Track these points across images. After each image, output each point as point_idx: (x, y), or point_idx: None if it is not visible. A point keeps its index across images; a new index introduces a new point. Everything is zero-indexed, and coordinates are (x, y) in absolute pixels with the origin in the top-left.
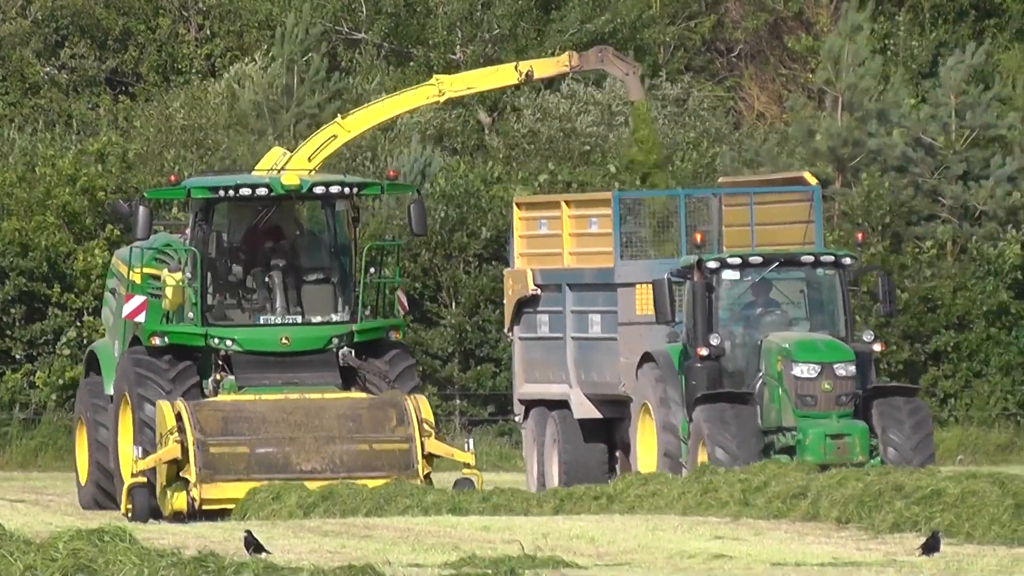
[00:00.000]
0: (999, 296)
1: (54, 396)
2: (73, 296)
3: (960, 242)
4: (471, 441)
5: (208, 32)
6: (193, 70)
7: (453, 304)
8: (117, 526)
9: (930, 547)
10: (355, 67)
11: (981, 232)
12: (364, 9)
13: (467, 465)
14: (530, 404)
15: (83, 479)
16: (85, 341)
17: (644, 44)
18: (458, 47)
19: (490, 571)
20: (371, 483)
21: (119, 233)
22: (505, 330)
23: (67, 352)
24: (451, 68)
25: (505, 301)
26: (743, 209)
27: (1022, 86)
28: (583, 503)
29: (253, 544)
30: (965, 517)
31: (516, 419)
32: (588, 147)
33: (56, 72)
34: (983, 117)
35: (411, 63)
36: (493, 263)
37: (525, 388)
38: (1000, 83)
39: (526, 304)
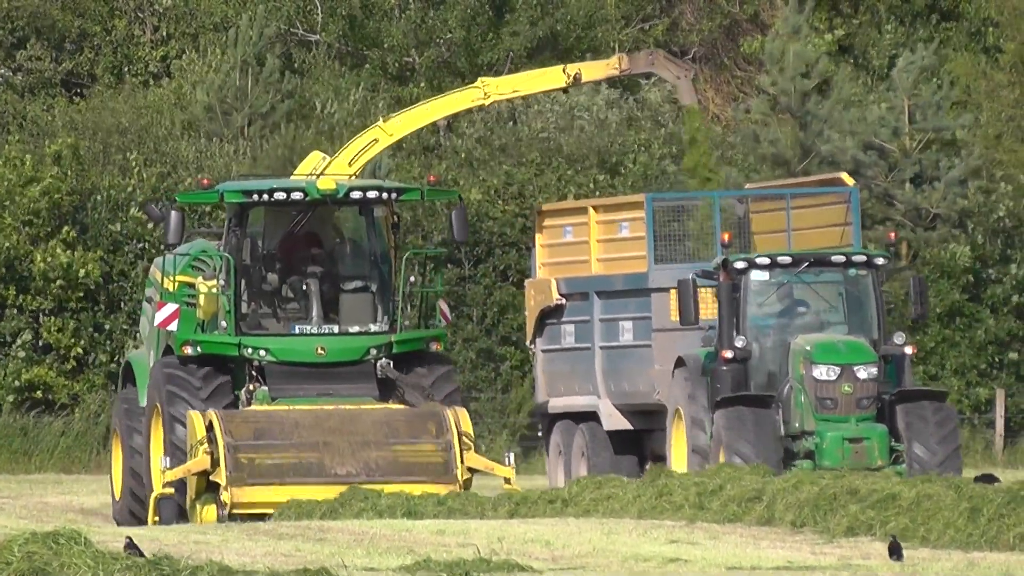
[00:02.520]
0: (952, 297)
1: (10, 398)
2: (30, 297)
3: (914, 246)
4: (511, 455)
5: (164, 34)
6: (148, 72)
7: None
8: (72, 529)
9: (894, 551)
10: (309, 69)
11: (935, 235)
12: (320, 11)
13: (507, 480)
14: (553, 418)
15: (117, 494)
16: (41, 343)
17: (598, 46)
18: (413, 50)
19: (445, 575)
20: (409, 489)
21: (74, 235)
22: (527, 342)
23: (22, 354)
24: (405, 71)
25: (527, 313)
26: (777, 215)
27: (975, 89)
28: (538, 507)
29: (135, 549)
30: (920, 521)
31: (538, 433)
32: (540, 152)
33: (11, 75)
34: (935, 119)
35: (366, 65)
36: (448, 266)
37: (548, 402)
38: (952, 88)
39: (549, 315)
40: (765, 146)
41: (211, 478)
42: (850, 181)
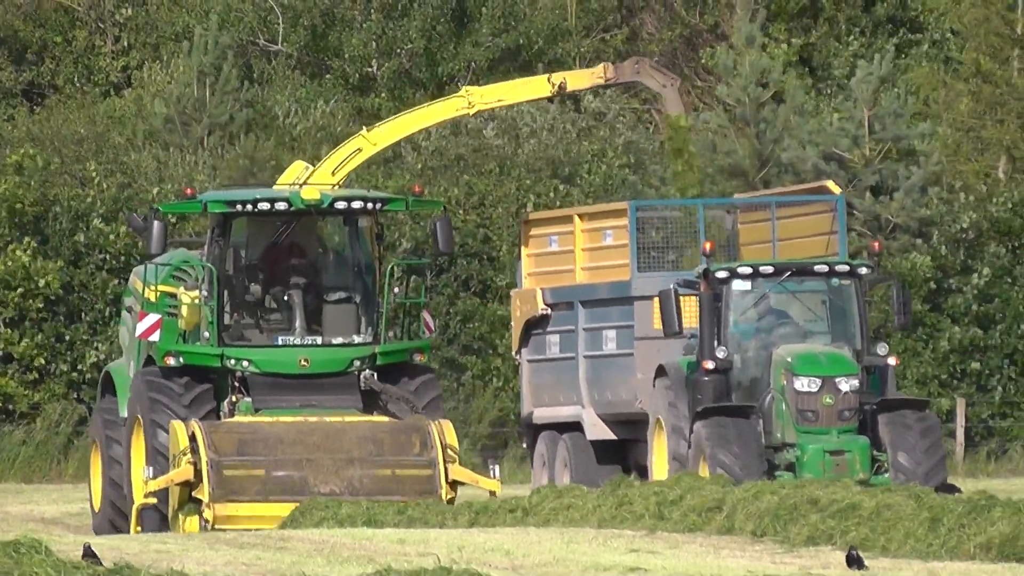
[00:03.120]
0: (913, 307)
1: None
2: None
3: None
4: (496, 467)
5: (124, 44)
6: (109, 82)
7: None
8: (32, 538)
9: (854, 560)
10: (269, 78)
11: (895, 245)
12: (281, 21)
13: (493, 493)
14: (538, 429)
15: (96, 505)
16: (2, 353)
17: (559, 57)
18: (374, 61)
19: None
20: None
21: (35, 246)
22: (513, 353)
23: None
24: (367, 81)
25: (512, 323)
26: (764, 226)
27: (934, 100)
28: (498, 516)
29: (93, 558)
30: (880, 531)
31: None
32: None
33: None
34: (894, 129)
35: (327, 75)
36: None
37: (533, 412)
38: (910, 98)
39: (534, 325)
40: (722, 157)
41: (194, 494)
42: (836, 190)
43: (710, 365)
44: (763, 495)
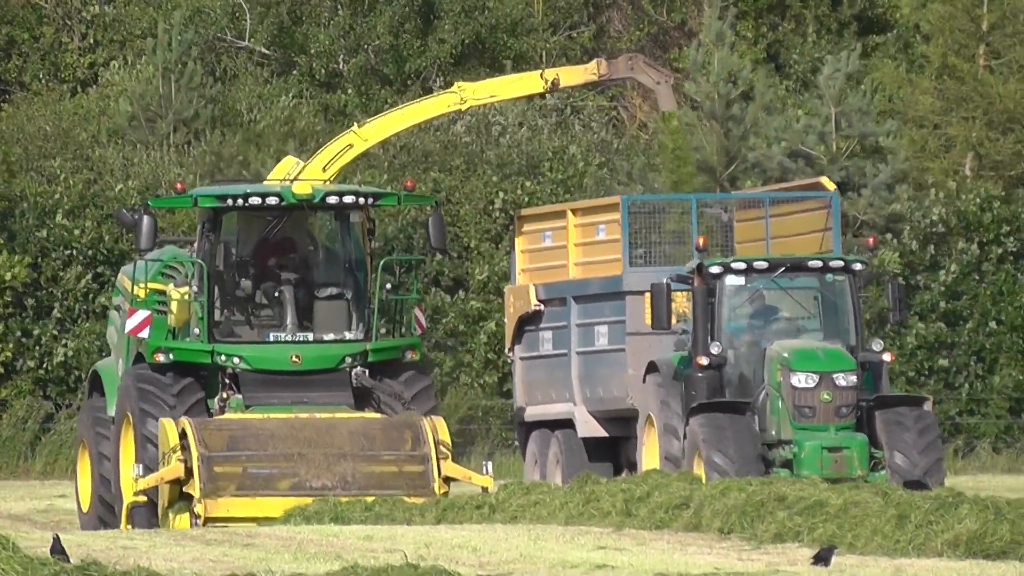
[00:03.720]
0: (881, 304)
1: None
2: None
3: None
4: (490, 464)
5: (92, 41)
6: (76, 78)
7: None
8: (0, 535)
9: (821, 558)
10: (234, 76)
11: (862, 242)
12: (248, 18)
13: (485, 489)
14: (531, 426)
15: (85, 506)
16: None
17: (524, 53)
18: (341, 57)
19: None
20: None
21: (2, 241)
22: (506, 350)
23: None
24: (334, 78)
25: (506, 320)
26: (759, 223)
27: (899, 97)
28: (465, 512)
29: (59, 551)
30: (848, 528)
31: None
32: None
33: None
34: (861, 126)
35: (294, 72)
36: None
37: (526, 410)
38: (876, 95)
39: (528, 322)
40: (687, 153)
41: (184, 489)
42: (831, 186)
43: (704, 361)
44: (730, 492)
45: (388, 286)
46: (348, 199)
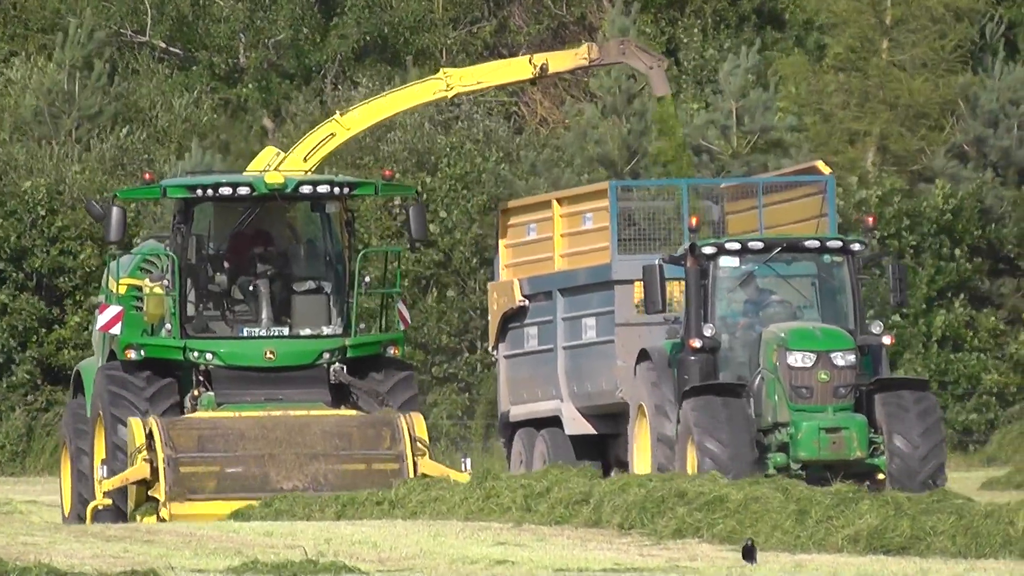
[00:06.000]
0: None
1: None
2: None
3: None
4: (468, 460)
5: None
6: None
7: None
8: None
9: (747, 554)
10: (135, 71)
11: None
12: (149, 12)
13: None
14: (515, 426)
15: (67, 509)
16: None
17: (425, 48)
18: (242, 51)
19: None
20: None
21: None
22: (489, 348)
23: None
24: (234, 73)
25: (489, 317)
26: (750, 215)
27: (800, 92)
28: (365, 508)
29: None
30: (748, 523)
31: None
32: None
33: None
34: (762, 121)
35: (194, 67)
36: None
37: (510, 409)
38: (777, 90)
39: (512, 318)
40: (592, 147)
41: (150, 493)
42: (826, 170)
43: (697, 344)
44: (630, 488)
45: (367, 279)
46: (323, 189)
